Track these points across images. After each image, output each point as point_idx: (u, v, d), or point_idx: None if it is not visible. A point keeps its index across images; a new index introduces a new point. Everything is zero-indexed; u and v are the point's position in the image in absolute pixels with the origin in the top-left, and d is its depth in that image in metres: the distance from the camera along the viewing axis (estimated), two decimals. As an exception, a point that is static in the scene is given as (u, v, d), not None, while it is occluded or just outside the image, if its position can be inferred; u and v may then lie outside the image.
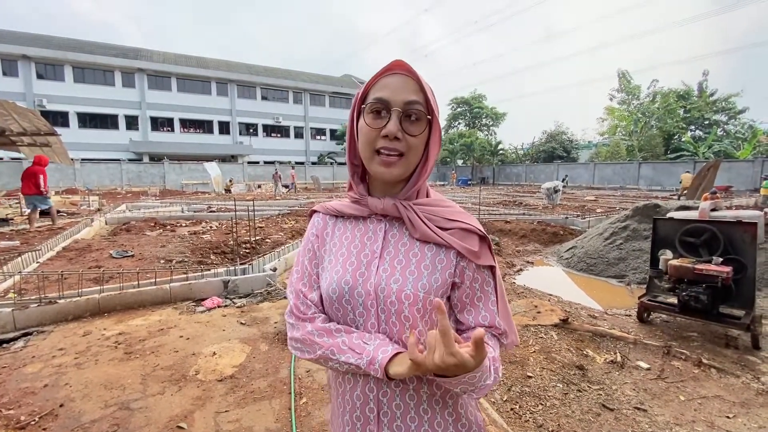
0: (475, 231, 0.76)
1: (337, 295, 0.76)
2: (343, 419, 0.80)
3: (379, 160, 0.73)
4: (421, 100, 0.72)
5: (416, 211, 0.75)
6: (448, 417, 0.75)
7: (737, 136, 29.13)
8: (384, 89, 0.72)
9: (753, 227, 3.40)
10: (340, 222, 0.85)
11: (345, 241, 0.81)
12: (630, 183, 26.97)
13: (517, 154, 41.21)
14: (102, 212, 10.60)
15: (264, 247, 6.63)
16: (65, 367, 2.77)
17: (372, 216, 0.81)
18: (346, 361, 0.71)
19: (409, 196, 0.78)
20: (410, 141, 0.72)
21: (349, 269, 0.77)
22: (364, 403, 0.75)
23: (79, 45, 30.93)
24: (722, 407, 2.42)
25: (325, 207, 0.88)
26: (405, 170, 0.74)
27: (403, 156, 0.72)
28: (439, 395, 0.75)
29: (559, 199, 14.45)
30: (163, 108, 33.36)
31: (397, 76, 0.73)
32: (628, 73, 34.08)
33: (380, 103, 0.72)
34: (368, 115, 0.73)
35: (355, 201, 0.82)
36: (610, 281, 5.41)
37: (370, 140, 0.73)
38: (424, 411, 0.74)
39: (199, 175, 26.65)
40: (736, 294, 3.33)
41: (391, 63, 0.74)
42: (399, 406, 0.74)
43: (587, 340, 3.36)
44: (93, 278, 4.65)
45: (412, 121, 0.72)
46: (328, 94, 42.01)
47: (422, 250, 0.75)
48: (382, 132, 0.71)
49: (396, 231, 0.78)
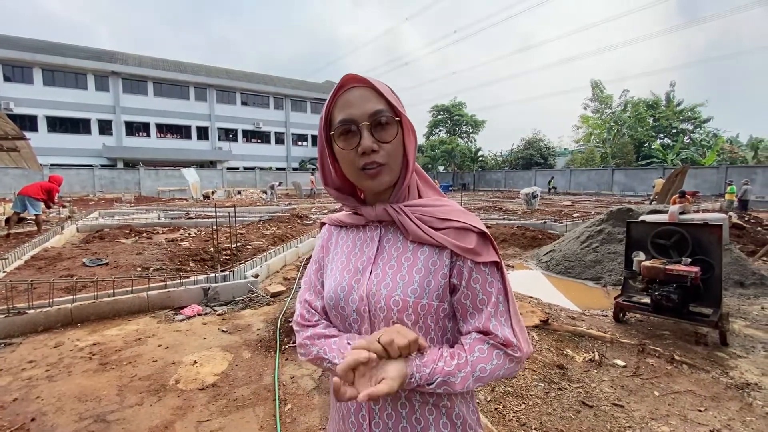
0: (471, 228, 0.72)
1: (333, 302, 0.78)
2: (338, 425, 0.81)
3: (365, 176, 0.73)
4: (384, 106, 0.72)
5: (407, 213, 0.75)
6: (443, 428, 0.73)
7: (702, 144, 30.61)
8: (345, 108, 0.72)
9: (718, 229, 3.59)
10: (343, 231, 0.87)
11: (345, 249, 0.83)
12: (604, 189, 27.87)
13: (497, 160, 42.03)
14: (73, 219, 10.20)
15: (245, 254, 6.53)
16: (36, 379, 2.65)
17: (369, 223, 0.82)
18: (331, 360, 0.73)
19: (399, 198, 0.78)
20: (387, 148, 0.72)
21: (346, 276, 0.78)
22: (357, 410, 0.75)
23: (50, 47, 29.82)
24: (694, 401, 2.53)
25: (330, 218, 0.91)
26: (391, 176, 0.75)
27: (386, 164, 0.73)
28: (431, 403, 0.73)
29: (538, 204, 14.80)
30: (138, 112, 32.43)
31: (353, 91, 0.73)
32: (601, 83, 35.40)
33: (346, 123, 0.72)
34: (339, 139, 0.73)
35: (351, 212, 0.85)
36: (587, 283, 5.57)
37: (351, 162, 0.73)
38: (417, 420, 0.72)
39: (177, 181, 25.99)
40: (704, 293, 3.49)
41: (342, 79, 0.74)
42: (391, 416, 0.72)
43: (567, 340, 3.44)
44: (65, 287, 4.47)
45: (383, 128, 0.72)
46: (310, 100, 41.84)
47: (415, 253, 0.74)
48: (360, 150, 0.71)
49: (391, 236, 0.79)
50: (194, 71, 35.34)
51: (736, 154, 28.06)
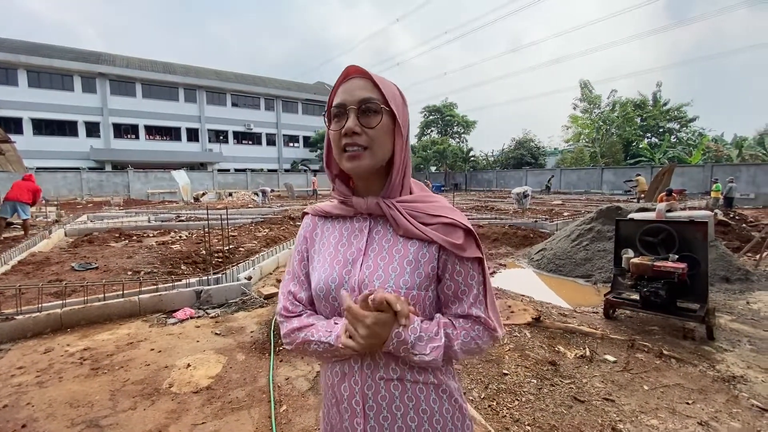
0: (458, 225, 0.77)
1: (324, 293, 0.79)
2: (331, 411, 0.82)
3: (346, 157, 0.76)
4: (375, 96, 0.75)
5: (399, 208, 0.78)
6: (433, 404, 0.77)
7: (688, 143, 31.18)
8: (341, 94, 0.77)
9: (704, 226, 3.67)
10: (329, 222, 0.88)
11: (333, 240, 0.84)
12: (594, 188, 28.21)
13: (488, 160, 42.31)
14: (61, 223, 10.03)
15: (237, 256, 6.49)
16: (26, 386, 2.61)
17: (358, 215, 0.84)
18: (318, 339, 0.76)
19: (391, 193, 0.81)
20: (370, 133, 0.75)
21: (336, 267, 0.80)
22: (350, 396, 0.77)
23: (35, 48, 29.30)
24: (682, 394, 2.58)
25: (314, 208, 0.91)
26: (372, 162, 0.77)
27: (368, 149, 0.76)
28: (422, 382, 0.77)
29: (529, 203, 14.94)
30: (126, 114, 32.02)
31: (352, 80, 0.77)
32: (589, 83, 35.86)
33: (339, 107, 0.76)
34: (333, 121, 0.78)
35: (341, 201, 0.86)
36: (578, 281, 5.64)
37: (335, 142, 0.78)
38: (409, 399, 0.76)
39: (166, 183, 25.69)
40: (691, 289, 3.57)
41: (346, 70, 0.79)
42: (384, 398, 0.75)
43: (558, 336, 3.49)
44: (54, 292, 4.40)
45: (369, 115, 0.75)
46: (301, 101, 41.71)
47: (405, 246, 0.78)
48: (343, 131, 0.75)
49: (380, 228, 0.81)
50: (184, 72, 35.01)
51: (721, 153, 28.62)
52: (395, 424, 0.76)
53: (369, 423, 0.76)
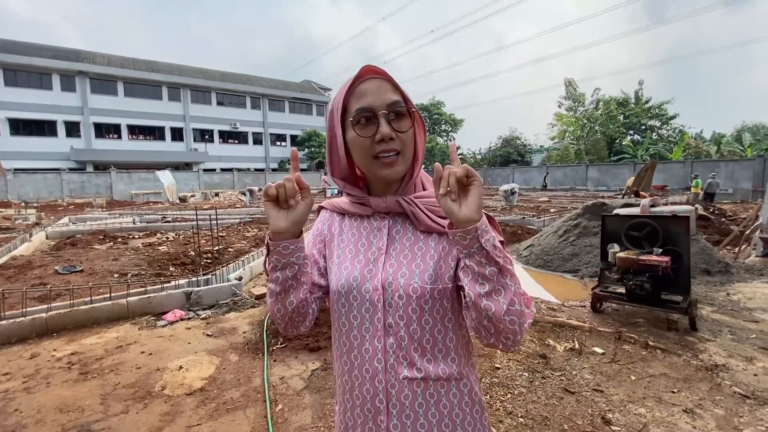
0: None
1: (345, 290, 0.79)
2: (353, 413, 0.81)
3: (379, 164, 0.75)
4: (400, 98, 0.75)
5: (418, 204, 0.79)
6: (453, 398, 0.78)
7: (669, 140, 31.99)
8: (364, 97, 0.74)
9: (686, 221, 3.79)
10: (346, 219, 0.88)
11: (352, 239, 0.84)
12: (579, 184, 28.69)
13: (475, 158, 42.67)
14: (41, 226, 9.77)
15: (227, 257, 6.42)
16: (13, 392, 2.56)
17: (375, 214, 0.84)
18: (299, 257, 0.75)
19: (408, 190, 0.81)
20: (402, 137, 0.75)
21: (357, 266, 0.80)
22: (373, 396, 0.77)
23: (11, 46, 28.37)
24: (668, 383, 2.67)
25: (331, 204, 0.91)
26: (405, 166, 0.78)
27: (400, 153, 0.76)
28: (444, 378, 0.77)
29: (516, 200, 15.12)
30: (108, 114, 31.24)
31: (371, 81, 0.75)
32: (574, 82, 36.47)
33: (366, 111, 0.74)
34: (357, 127, 0.75)
35: (356, 201, 0.85)
36: (566, 275, 5.75)
37: (366, 149, 0.75)
38: (431, 395, 0.76)
39: (151, 184, 25.17)
40: (674, 281, 3.67)
41: (362, 70, 0.76)
42: (407, 396, 0.76)
43: (548, 330, 3.56)
44: (38, 296, 4.31)
45: (399, 119, 0.75)
46: (288, 99, 41.31)
47: (426, 242, 0.78)
48: (377, 137, 0.73)
49: (399, 227, 0.82)
50: (167, 71, 34.33)
51: (700, 149, 29.43)
52: (417, 422, 0.76)
53: (392, 421, 0.76)
